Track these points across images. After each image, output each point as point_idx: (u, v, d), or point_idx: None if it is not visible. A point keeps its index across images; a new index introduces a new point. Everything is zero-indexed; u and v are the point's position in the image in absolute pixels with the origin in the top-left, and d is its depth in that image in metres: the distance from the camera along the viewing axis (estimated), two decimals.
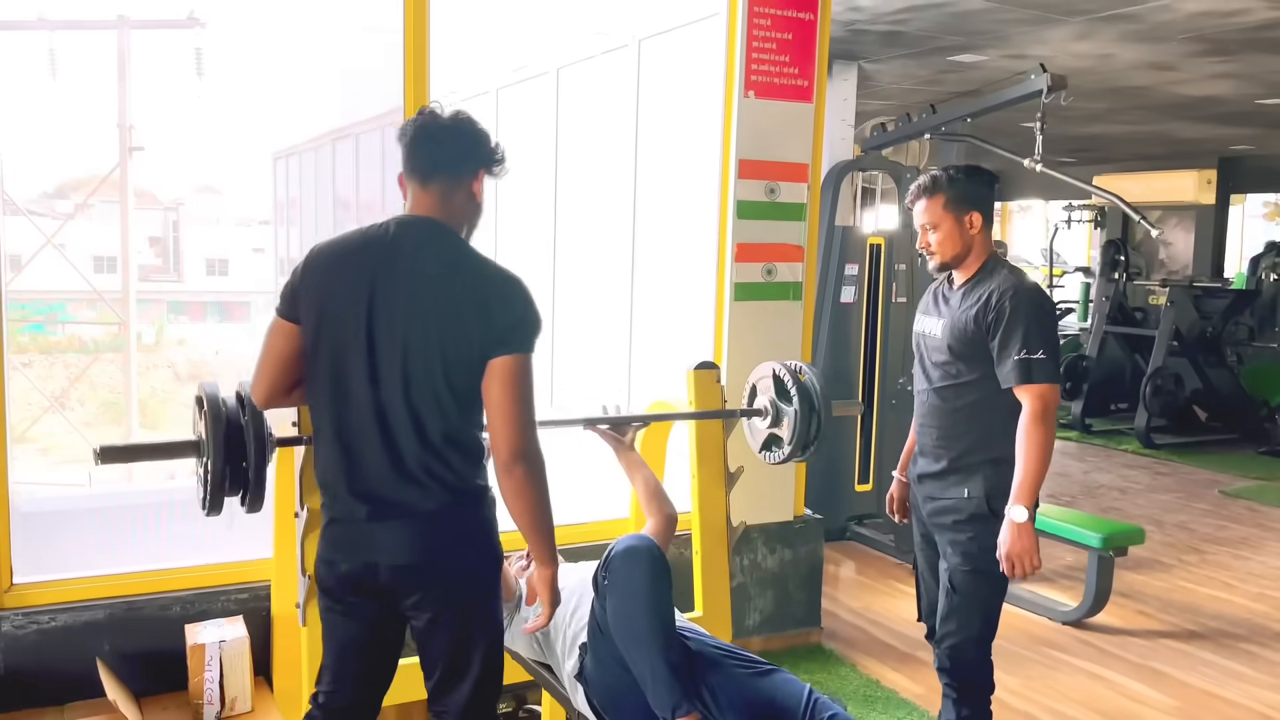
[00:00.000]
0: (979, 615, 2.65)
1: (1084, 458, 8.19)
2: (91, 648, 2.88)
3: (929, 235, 2.66)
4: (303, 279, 2.05)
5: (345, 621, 2.13)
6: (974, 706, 2.70)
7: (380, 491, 2.02)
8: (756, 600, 3.94)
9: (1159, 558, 5.45)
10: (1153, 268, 11.72)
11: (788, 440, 3.11)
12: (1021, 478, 2.50)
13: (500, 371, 1.98)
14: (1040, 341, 2.51)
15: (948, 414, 2.68)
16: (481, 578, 2.10)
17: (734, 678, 2.19)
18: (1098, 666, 3.98)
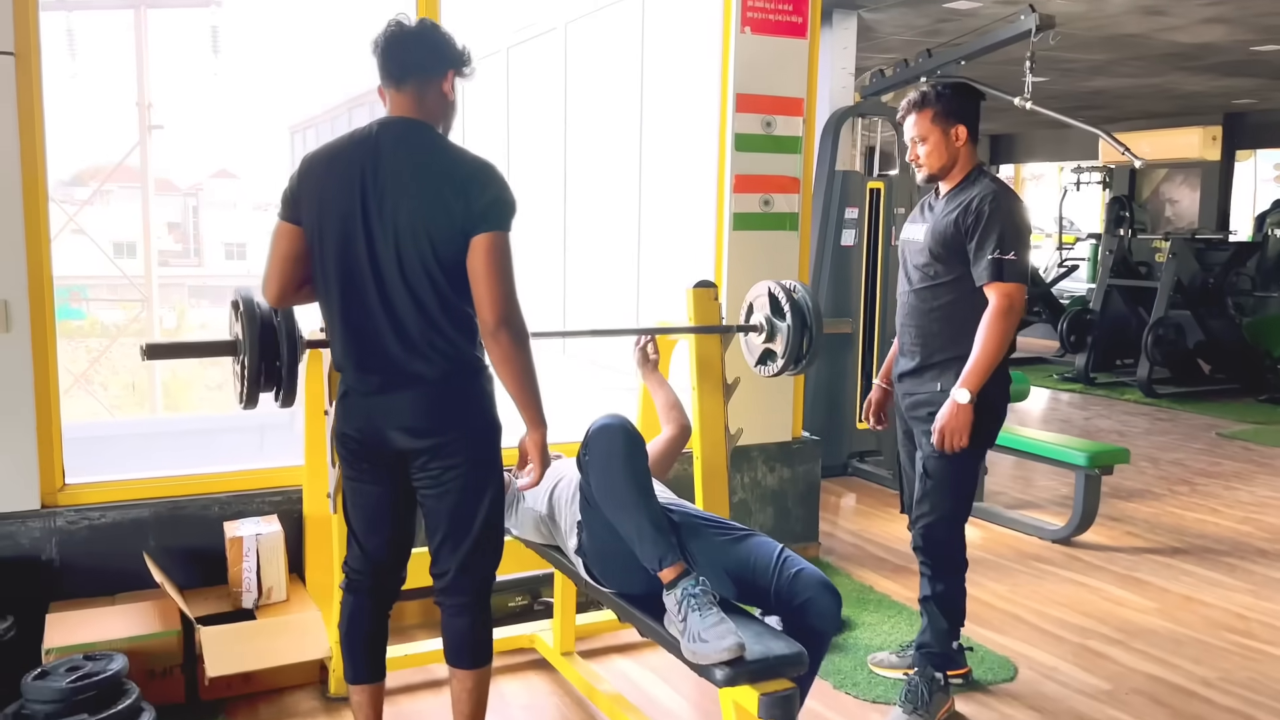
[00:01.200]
0: (950, 497, 2.86)
1: (1086, 407, 8.36)
2: (138, 543, 3.12)
3: (918, 148, 2.85)
4: (300, 183, 2.26)
5: (367, 488, 2.36)
6: (947, 581, 2.92)
7: (386, 365, 2.24)
8: (757, 515, 4.15)
9: (1151, 488, 5.64)
10: (1159, 224, 11.82)
11: (781, 354, 3.32)
12: (972, 365, 2.72)
13: (481, 248, 2.16)
14: (1013, 244, 2.71)
15: (925, 314, 2.88)
16: (481, 440, 2.30)
17: (713, 542, 2.40)
18: (1083, 576, 4.18)
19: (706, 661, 2.08)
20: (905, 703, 2.85)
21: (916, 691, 2.85)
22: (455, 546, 2.33)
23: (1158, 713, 3.01)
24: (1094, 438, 6.91)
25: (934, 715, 2.84)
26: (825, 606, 2.31)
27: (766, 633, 2.24)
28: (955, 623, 2.95)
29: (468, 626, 2.38)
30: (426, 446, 2.27)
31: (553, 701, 3.01)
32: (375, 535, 2.40)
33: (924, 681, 2.86)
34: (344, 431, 2.34)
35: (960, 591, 2.95)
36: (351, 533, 2.43)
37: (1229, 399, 8.57)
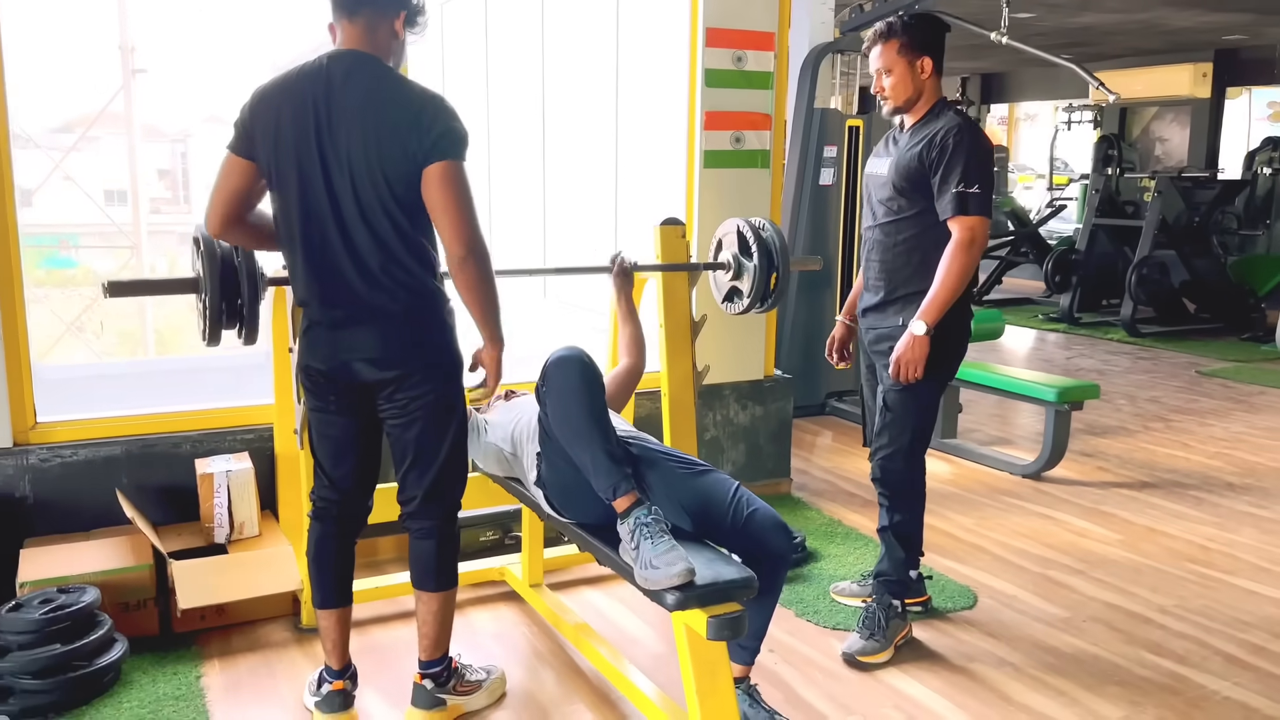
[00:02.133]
0: (908, 429, 2.90)
1: (1069, 346, 8.40)
2: (111, 480, 3.16)
3: (883, 79, 2.84)
4: (252, 117, 2.26)
5: (332, 419, 2.41)
6: (904, 512, 2.97)
7: (348, 298, 2.27)
8: (729, 452, 4.20)
9: (1125, 425, 5.69)
10: (1148, 164, 11.77)
11: (748, 292, 3.34)
12: (931, 298, 2.74)
13: (436, 178, 2.19)
14: (977, 177, 2.70)
15: (889, 248, 2.89)
16: (444, 370, 2.38)
17: (671, 475, 2.44)
18: (1049, 510, 4.25)
19: (657, 587, 2.13)
20: (862, 628, 2.92)
21: (874, 618, 2.91)
22: (421, 474, 2.41)
23: (1112, 638, 3.08)
24: (1075, 376, 6.95)
25: (890, 641, 2.90)
26: (777, 545, 2.36)
27: (718, 559, 2.29)
28: (912, 552, 3.00)
29: (433, 549, 2.46)
30: (391, 378, 2.32)
31: (520, 631, 3.08)
32: (341, 465, 2.45)
33: (881, 609, 2.92)
34: (309, 365, 2.39)
35: (917, 521, 3.01)
36: (318, 464, 2.48)
37: (1212, 338, 8.61)
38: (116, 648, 2.71)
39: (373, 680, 2.74)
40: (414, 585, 2.49)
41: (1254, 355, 7.88)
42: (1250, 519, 4.16)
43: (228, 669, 2.81)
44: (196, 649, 2.91)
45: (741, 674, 2.52)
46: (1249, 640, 3.07)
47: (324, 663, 2.56)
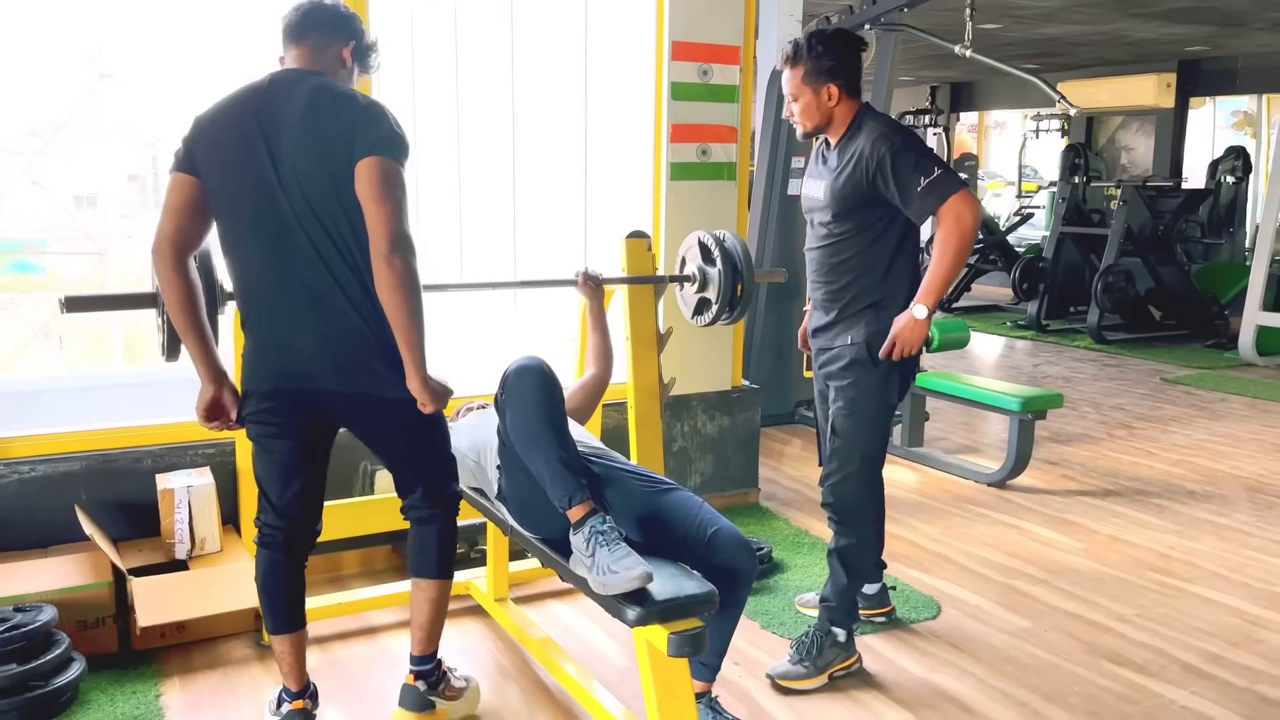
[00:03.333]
0: (858, 454, 2.83)
1: (1036, 353, 8.49)
2: (70, 496, 3.12)
3: (792, 105, 2.78)
4: (195, 136, 2.25)
5: (280, 444, 2.36)
6: (853, 538, 2.88)
7: (300, 314, 2.24)
8: (697, 463, 4.21)
9: (1090, 433, 5.76)
10: (1114, 172, 11.91)
11: (715, 300, 3.35)
12: (928, 280, 2.67)
13: (367, 171, 2.14)
14: (930, 162, 2.62)
15: (833, 268, 2.83)
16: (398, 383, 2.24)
17: (634, 492, 2.44)
18: (1013, 518, 4.28)
19: (615, 592, 2.12)
20: (793, 653, 2.86)
21: (810, 643, 2.85)
22: (415, 473, 2.47)
23: (1073, 648, 3.11)
24: (1041, 384, 7.03)
25: (820, 669, 2.83)
26: (740, 563, 2.36)
27: (680, 574, 2.29)
28: (858, 578, 2.94)
29: (436, 534, 2.50)
30: (355, 395, 2.29)
31: (485, 646, 3.07)
32: (287, 490, 2.40)
33: (819, 634, 2.86)
34: (256, 389, 2.33)
35: (867, 548, 2.96)
36: (262, 491, 2.42)
37: (1177, 345, 8.73)
38: (74, 667, 2.67)
39: (334, 698, 2.72)
40: (413, 573, 2.51)
41: (1217, 362, 7.99)
42: (1210, 527, 4.21)
43: (188, 687, 2.78)
44: (156, 667, 2.88)
45: (703, 689, 2.52)
46: (1207, 649, 3.10)
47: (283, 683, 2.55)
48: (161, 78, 12.16)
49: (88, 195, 18.19)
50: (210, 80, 9.28)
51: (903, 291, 2.78)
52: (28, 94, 11.80)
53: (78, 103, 13.57)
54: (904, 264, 2.80)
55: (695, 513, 2.40)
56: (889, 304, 2.78)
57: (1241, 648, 3.12)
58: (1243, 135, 11.98)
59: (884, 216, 2.74)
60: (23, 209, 12.54)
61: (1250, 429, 5.89)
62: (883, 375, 2.80)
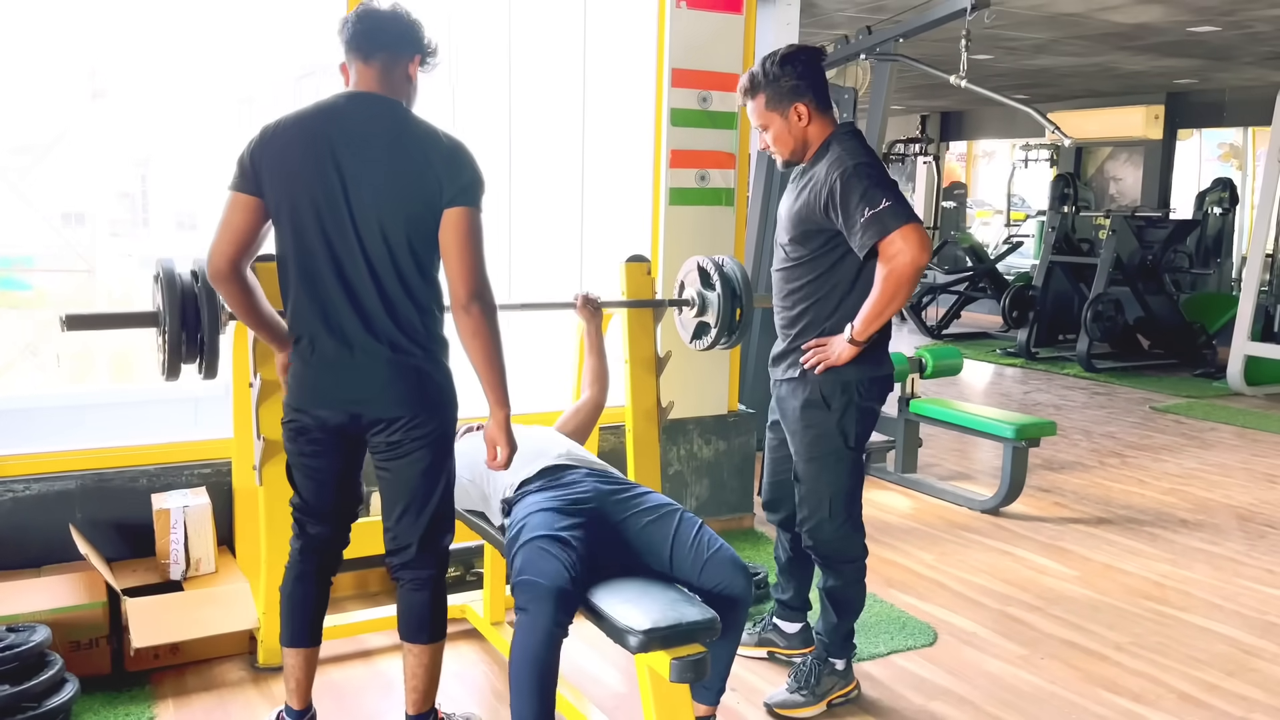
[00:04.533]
0: (826, 498, 2.73)
1: (1026, 381, 8.52)
2: (64, 515, 3.10)
3: (764, 136, 2.66)
4: (261, 154, 2.21)
5: (319, 463, 2.37)
6: (840, 577, 2.81)
7: (357, 338, 2.24)
8: (693, 487, 4.21)
9: (1082, 461, 5.78)
10: (1103, 202, 12.02)
11: (714, 325, 3.36)
12: (862, 312, 2.55)
13: (456, 222, 2.20)
14: (880, 193, 2.46)
15: (788, 294, 2.74)
16: (445, 416, 2.35)
17: (634, 514, 2.46)
18: (1007, 545, 4.29)
19: None
20: (792, 680, 2.84)
21: (808, 671, 2.83)
22: (416, 518, 2.36)
23: (1069, 675, 3.11)
24: (1032, 411, 7.06)
25: (819, 698, 2.81)
26: (738, 587, 2.37)
27: (681, 600, 2.29)
28: (847, 615, 2.87)
29: (428, 601, 2.41)
30: (394, 421, 2.28)
31: (481, 670, 3.06)
32: (324, 504, 2.42)
33: (816, 663, 2.84)
34: (300, 406, 2.32)
35: (851, 586, 2.84)
36: (302, 500, 2.43)
37: (1165, 374, 8.78)
38: (67, 688, 2.64)
39: (335, 714, 2.69)
40: (404, 638, 2.43)
41: (1206, 392, 8.04)
42: (1203, 555, 4.23)
43: (182, 710, 2.76)
44: (150, 689, 2.85)
45: (706, 713, 2.52)
46: (1202, 678, 3.11)
47: (283, 703, 2.52)
48: (153, 96, 12.15)
49: (76, 213, 18.12)
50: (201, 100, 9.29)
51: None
52: (17, 111, 11.77)
53: (68, 120, 13.57)
54: (857, 301, 2.62)
55: (694, 534, 2.42)
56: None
57: (1237, 677, 3.12)
58: (1229, 167, 12.11)
59: (838, 247, 2.61)
60: (10, 225, 12.49)
61: (1240, 458, 5.93)
62: (837, 417, 2.68)
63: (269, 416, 2.88)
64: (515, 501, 2.50)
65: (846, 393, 2.68)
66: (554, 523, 2.34)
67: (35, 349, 13.88)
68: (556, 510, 2.39)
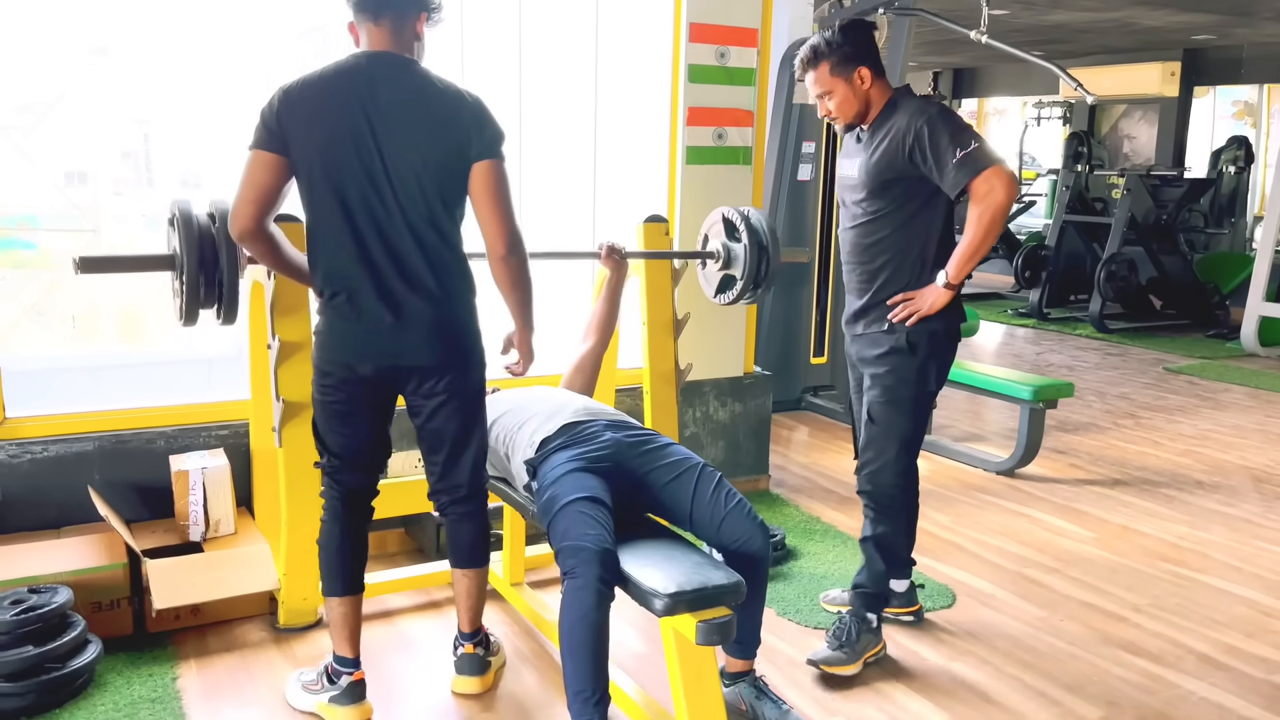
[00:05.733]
0: (895, 442, 2.81)
1: (1038, 342, 8.48)
2: (83, 477, 3.10)
3: (826, 103, 2.75)
4: (286, 112, 2.23)
5: (358, 416, 2.43)
6: (889, 525, 2.89)
7: (390, 294, 2.29)
8: (709, 449, 4.20)
9: (1096, 422, 5.76)
10: (1116, 160, 11.90)
11: (740, 277, 3.31)
12: (956, 252, 2.68)
13: (486, 175, 2.30)
14: (968, 136, 2.59)
15: (865, 250, 2.81)
16: (478, 364, 2.47)
17: (658, 467, 2.46)
18: (1023, 507, 4.28)
19: None
20: (831, 639, 2.86)
21: (845, 629, 2.85)
22: (461, 461, 2.51)
23: (1088, 637, 3.11)
24: (1044, 372, 7.03)
25: (858, 655, 2.83)
26: (757, 544, 2.38)
27: (706, 563, 2.28)
28: (894, 565, 2.94)
29: (478, 531, 2.59)
30: (439, 373, 2.38)
31: (501, 631, 3.06)
32: (360, 455, 2.48)
33: (855, 621, 2.86)
34: (333, 361, 2.36)
35: (902, 534, 2.95)
36: (332, 455, 2.47)
37: (1178, 334, 8.73)
38: (90, 649, 2.65)
39: None
40: (457, 565, 2.61)
41: (1219, 352, 7.99)
42: (1220, 517, 4.21)
43: (204, 670, 2.77)
44: (172, 649, 2.86)
45: (745, 668, 2.55)
46: (1222, 640, 3.11)
47: (332, 655, 2.54)
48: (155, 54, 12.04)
49: (79, 172, 18.09)
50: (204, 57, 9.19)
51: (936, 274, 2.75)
52: (18, 69, 11.68)
53: (69, 78, 13.46)
54: (939, 246, 2.77)
55: (713, 488, 2.42)
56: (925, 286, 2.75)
57: (1256, 639, 3.12)
58: (1243, 125, 11.97)
59: (919, 194, 2.71)
60: (13, 184, 12.44)
61: (1255, 419, 5.90)
62: (920, 362, 2.77)
63: (288, 378, 2.86)
64: (539, 462, 2.48)
65: (933, 341, 2.77)
66: (585, 483, 2.33)
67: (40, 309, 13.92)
68: (583, 470, 2.38)
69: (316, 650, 2.86)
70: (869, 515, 2.93)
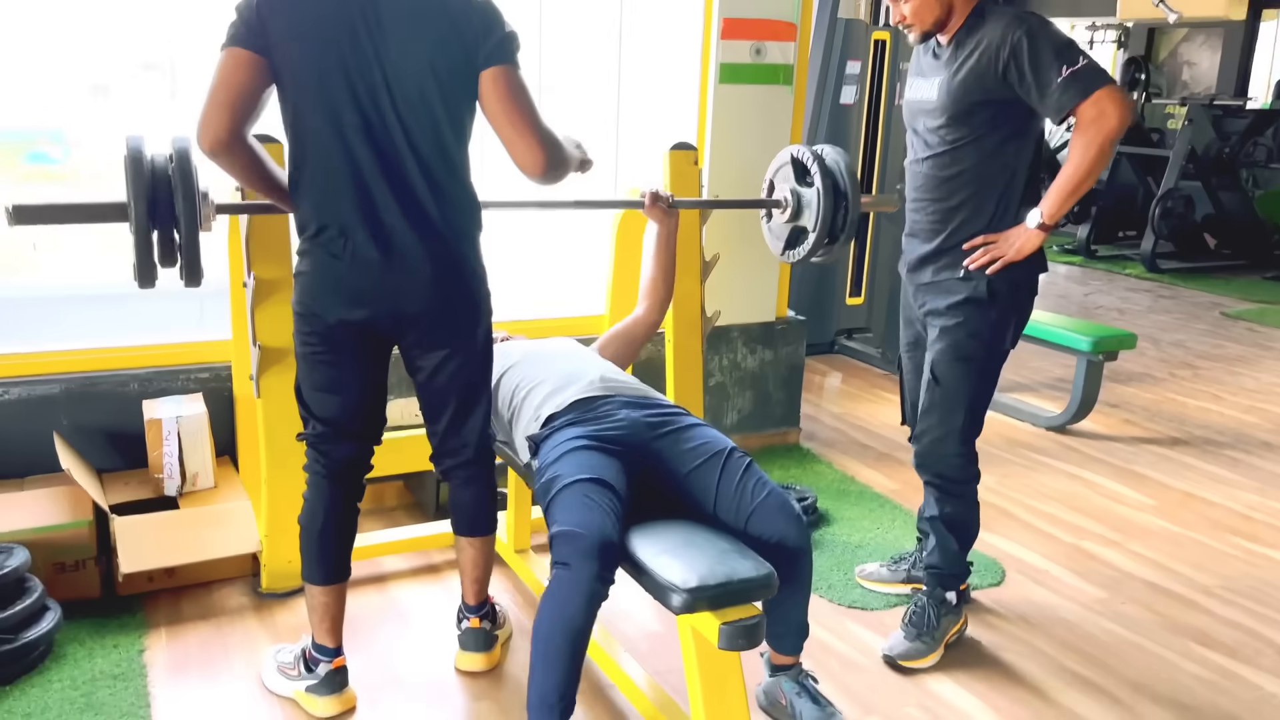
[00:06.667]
0: (962, 408, 2.45)
1: (1086, 281, 8.05)
2: (49, 422, 2.83)
3: (901, 6, 2.35)
4: (268, 6, 1.89)
5: (348, 372, 2.11)
6: (957, 502, 2.55)
7: (400, 234, 1.99)
8: (735, 399, 3.88)
9: (1151, 372, 5.38)
10: (1174, 88, 11.24)
11: (812, 229, 2.82)
12: (1055, 186, 2.29)
13: (498, 83, 1.97)
14: (1074, 52, 2.19)
15: (941, 184, 2.41)
16: (485, 315, 2.17)
17: (681, 454, 2.14)
18: (1077, 468, 3.95)
19: None
20: (909, 626, 2.56)
21: (923, 614, 2.55)
22: (469, 420, 2.23)
23: (1153, 623, 2.80)
24: (1093, 315, 6.63)
25: (939, 641, 2.55)
26: (792, 539, 2.06)
27: (733, 552, 1.98)
28: (967, 542, 2.62)
29: (486, 496, 2.34)
30: (442, 320, 2.08)
31: (504, 598, 2.79)
32: (350, 421, 2.16)
33: (932, 604, 2.56)
34: (320, 311, 2.04)
35: (971, 508, 2.60)
36: (318, 419, 2.15)
37: (1234, 275, 8.27)
38: (48, 618, 2.40)
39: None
40: (462, 533, 2.36)
41: (1279, 296, 7.54)
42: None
43: (175, 640, 2.51)
44: (142, 616, 2.61)
45: (790, 662, 2.26)
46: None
47: (310, 640, 2.28)
48: None
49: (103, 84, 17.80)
50: None
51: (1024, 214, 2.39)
52: None
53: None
54: (1026, 180, 2.41)
55: (738, 479, 2.09)
56: (1007, 228, 2.39)
57: None
58: None
59: (1010, 120, 2.32)
60: (37, 99, 12.13)
61: None
62: (997, 316, 2.41)
63: (266, 321, 2.56)
64: (542, 439, 2.17)
65: (1013, 290, 2.42)
66: (592, 463, 2.02)
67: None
68: (591, 448, 2.07)
69: (300, 620, 2.60)
70: (932, 493, 2.58)
